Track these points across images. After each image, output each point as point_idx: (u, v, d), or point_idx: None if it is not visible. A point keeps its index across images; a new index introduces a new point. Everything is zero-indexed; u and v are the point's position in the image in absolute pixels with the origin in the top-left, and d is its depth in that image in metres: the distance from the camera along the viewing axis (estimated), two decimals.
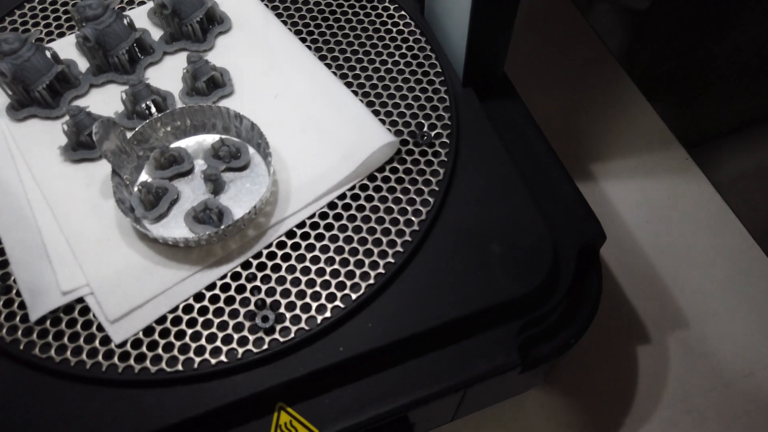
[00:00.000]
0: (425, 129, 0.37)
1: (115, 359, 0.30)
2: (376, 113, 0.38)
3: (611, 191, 0.51)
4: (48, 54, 0.36)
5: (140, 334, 0.31)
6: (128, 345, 0.30)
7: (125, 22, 0.38)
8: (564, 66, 0.58)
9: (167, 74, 0.39)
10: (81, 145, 0.35)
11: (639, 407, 0.42)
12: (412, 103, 0.38)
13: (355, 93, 0.39)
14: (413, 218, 0.34)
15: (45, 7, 0.43)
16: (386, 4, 0.43)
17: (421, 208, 0.35)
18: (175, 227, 0.33)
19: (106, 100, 0.38)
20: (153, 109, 0.37)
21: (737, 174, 0.58)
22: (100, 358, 0.30)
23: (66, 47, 0.39)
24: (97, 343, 0.31)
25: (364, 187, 0.35)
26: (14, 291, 0.32)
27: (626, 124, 0.55)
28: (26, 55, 0.35)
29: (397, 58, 0.40)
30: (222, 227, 0.32)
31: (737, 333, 0.45)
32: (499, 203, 0.35)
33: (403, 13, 0.42)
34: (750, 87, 0.63)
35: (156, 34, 0.40)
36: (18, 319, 0.31)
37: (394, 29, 0.42)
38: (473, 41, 0.37)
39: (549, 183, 0.37)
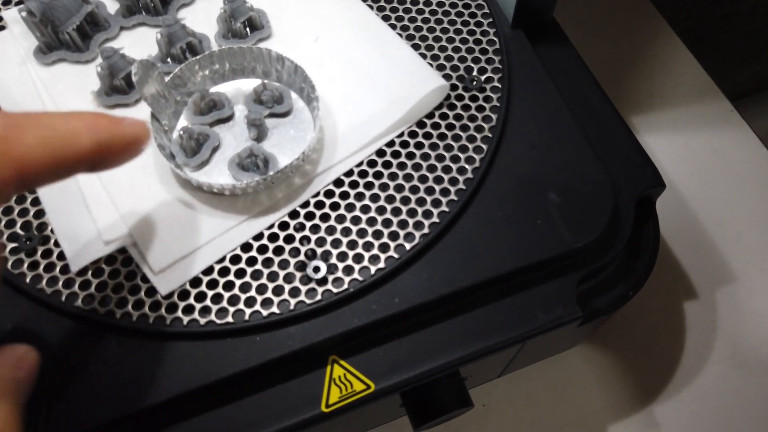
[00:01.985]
0: (475, 73, 0.35)
1: (162, 311, 0.29)
2: (422, 56, 0.36)
3: (654, 144, 0.49)
4: None
5: (187, 286, 0.29)
6: (175, 296, 0.29)
7: None
8: (608, 15, 0.56)
9: (200, 16, 0.37)
10: (115, 89, 0.33)
11: (686, 363, 0.41)
12: (460, 45, 0.36)
13: (399, 36, 0.37)
14: (466, 165, 0.33)
15: None
16: None
17: (474, 155, 0.33)
18: (218, 175, 0.32)
19: (137, 43, 0.36)
20: (188, 52, 0.35)
21: None
22: (146, 309, 0.29)
23: None
24: (142, 294, 0.29)
25: (413, 134, 0.34)
26: (52, 241, 0.30)
27: (669, 75, 0.53)
28: None
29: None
30: (269, 174, 0.30)
31: None
32: (555, 150, 0.34)
33: None
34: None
35: None
36: (58, 270, 0.30)
37: None
38: None
39: (605, 130, 0.36)
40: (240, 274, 0.30)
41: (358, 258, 0.30)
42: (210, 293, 0.29)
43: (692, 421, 0.40)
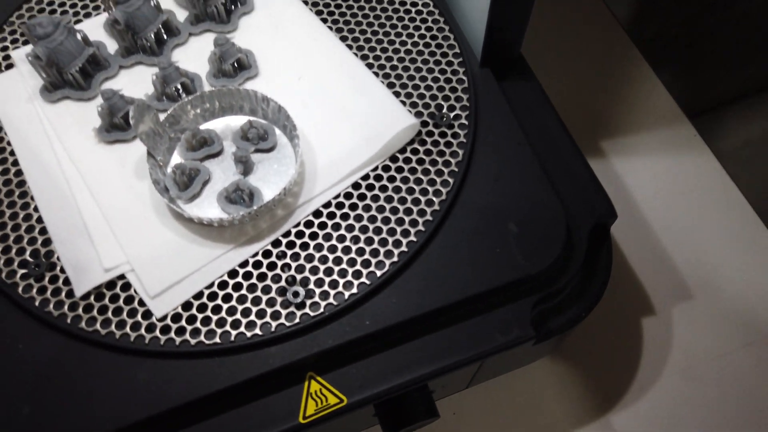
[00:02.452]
0: (444, 110, 0.39)
1: (157, 332, 0.32)
2: (396, 95, 0.39)
3: (621, 166, 0.53)
4: (79, 36, 0.37)
5: (179, 309, 0.33)
6: (168, 319, 0.33)
7: (152, 4, 0.38)
8: (575, 42, 0.59)
9: (193, 55, 0.40)
10: (114, 126, 0.37)
11: (643, 375, 0.45)
12: (432, 84, 0.40)
13: (376, 74, 0.40)
14: (434, 198, 0.36)
15: None
16: None
17: (441, 188, 0.36)
18: (207, 207, 0.35)
19: (135, 81, 0.39)
20: (182, 91, 0.38)
21: (740, 144, 0.60)
22: (142, 330, 0.32)
23: (94, 29, 0.40)
24: (139, 316, 0.33)
25: (386, 168, 0.37)
26: (58, 268, 0.34)
27: (637, 100, 0.56)
28: (59, 38, 0.36)
29: (416, 38, 0.41)
30: (254, 208, 0.33)
31: (738, 305, 0.47)
32: (516, 183, 0.37)
33: None
34: (755, 56, 0.63)
35: (180, 14, 0.41)
36: (64, 294, 0.33)
37: (413, 9, 0.42)
38: (493, 21, 0.38)
39: (563, 162, 0.39)
40: (227, 298, 0.33)
41: (333, 284, 0.33)
42: (200, 316, 0.33)
43: (647, 429, 0.43)
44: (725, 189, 0.51)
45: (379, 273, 0.34)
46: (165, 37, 0.40)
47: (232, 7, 0.41)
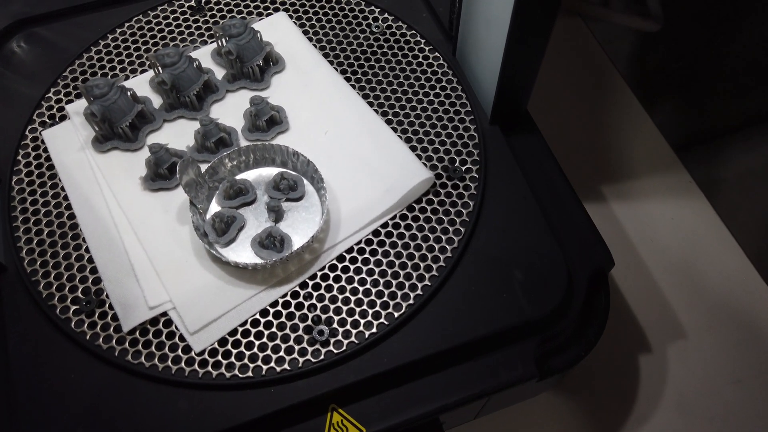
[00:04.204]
0: (457, 164, 0.43)
1: (196, 365, 0.36)
2: (413, 149, 0.43)
3: (620, 211, 0.56)
4: (129, 94, 0.42)
5: (216, 344, 0.36)
6: (206, 353, 0.36)
7: (195, 65, 0.43)
8: (577, 90, 0.63)
9: (230, 110, 0.44)
10: (159, 176, 0.41)
11: (640, 409, 0.48)
12: (445, 139, 0.44)
13: (395, 129, 0.44)
14: (446, 246, 0.39)
15: (117, 44, 0.48)
16: (422, 45, 0.48)
17: (453, 236, 0.40)
18: (242, 251, 0.39)
19: (177, 133, 0.43)
20: (220, 145, 0.42)
21: (738, 194, 0.63)
22: (183, 364, 0.36)
23: (141, 84, 0.45)
24: (179, 351, 0.36)
25: (403, 217, 0.41)
26: (107, 305, 0.37)
27: (636, 148, 0.59)
28: (113, 98, 0.40)
29: (431, 97, 0.45)
30: (285, 254, 0.37)
31: (729, 344, 0.50)
32: (521, 233, 0.40)
33: (437, 54, 0.47)
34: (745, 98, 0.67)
35: (218, 72, 0.46)
36: (112, 329, 0.37)
37: (429, 70, 0.47)
38: (503, 83, 0.42)
39: (565, 212, 0.42)
40: (259, 335, 0.37)
41: (355, 324, 0.37)
42: (234, 351, 0.36)
43: None
44: (719, 234, 0.55)
45: (396, 314, 0.37)
46: (205, 93, 0.44)
47: (266, 66, 0.45)
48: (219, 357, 0.36)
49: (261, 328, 0.37)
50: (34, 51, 0.48)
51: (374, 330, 0.37)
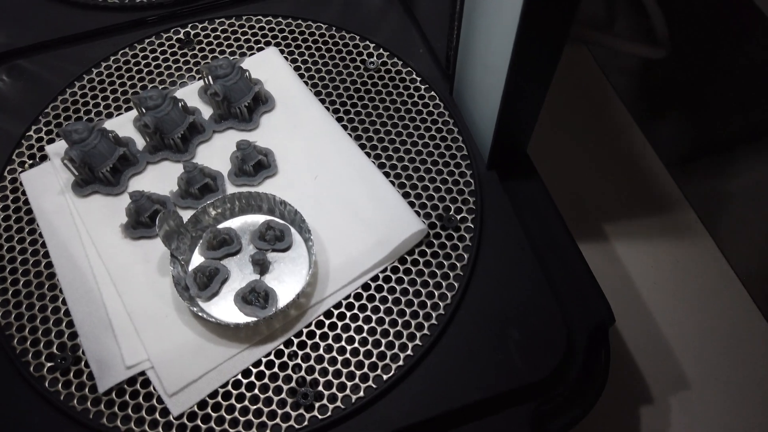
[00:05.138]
0: (452, 212, 0.41)
1: (173, 430, 0.34)
2: (406, 195, 0.41)
3: (623, 250, 0.54)
4: (111, 136, 0.40)
5: (195, 407, 0.35)
6: (185, 417, 0.34)
7: (180, 105, 0.41)
8: (576, 119, 0.61)
9: (217, 152, 0.42)
10: (140, 224, 0.39)
11: None
12: (440, 185, 0.42)
13: (387, 174, 0.42)
14: (439, 302, 0.38)
15: (102, 79, 0.46)
16: (418, 84, 0.46)
17: (446, 291, 0.38)
18: (225, 305, 0.37)
19: (161, 177, 0.41)
20: (204, 191, 0.40)
21: (745, 236, 0.61)
22: (160, 428, 0.34)
23: (123, 125, 0.43)
24: (157, 414, 0.34)
25: (394, 270, 0.39)
26: (83, 362, 0.36)
27: (639, 183, 0.58)
28: (93, 142, 0.38)
29: (426, 139, 0.44)
30: (269, 312, 0.35)
31: (735, 397, 0.48)
32: (518, 288, 0.39)
33: (433, 93, 0.45)
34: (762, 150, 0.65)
35: (205, 110, 0.44)
36: (87, 389, 0.35)
37: (425, 110, 0.45)
38: (501, 132, 0.40)
39: (564, 264, 0.41)
40: (240, 398, 0.35)
41: (341, 387, 0.35)
42: (214, 415, 0.34)
43: None
44: (724, 277, 0.53)
45: (385, 377, 0.35)
46: (190, 135, 0.42)
47: (255, 106, 0.43)
48: (198, 421, 0.34)
49: (243, 390, 0.35)
50: (16, 85, 0.46)
51: (361, 394, 0.35)
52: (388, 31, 0.49)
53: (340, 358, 0.36)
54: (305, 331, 0.37)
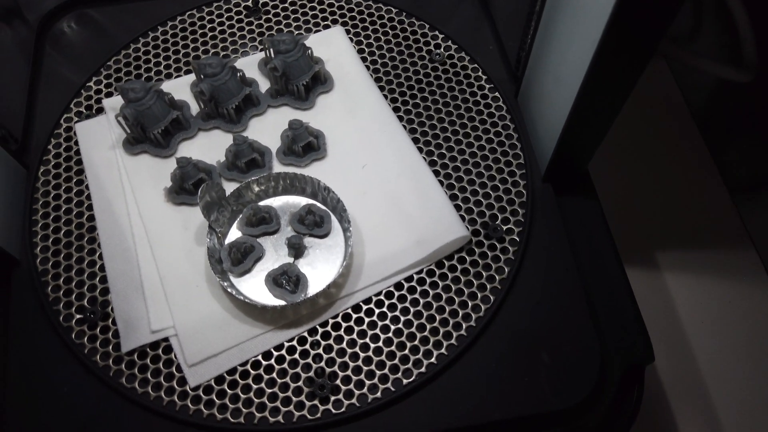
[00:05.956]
0: (498, 222, 0.39)
1: (188, 401, 0.34)
2: (454, 197, 0.40)
3: (673, 283, 0.52)
4: (166, 98, 0.40)
5: (212, 382, 0.35)
6: (201, 390, 0.34)
7: (238, 76, 0.40)
8: (647, 140, 0.58)
9: (268, 127, 0.42)
10: (183, 190, 0.39)
11: None
12: (490, 192, 0.40)
13: (438, 173, 0.41)
14: (472, 313, 0.36)
15: (167, 38, 0.46)
16: (483, 82, 0.44)
17: (481, 304, 0.37)
18: (256, 283, 0.37)
19: (211, 145, 0.41)
20: (251, 166, 0.40)
21: None
22: (175, 397, 0.34)
23: (182, 87, 0.43)
24: (174, 382, 0.35)
25: (430, 273, 0.38)
26: (110, 319, 0.36)
27: (701, 212, 0.54)
28: (148, 103, 0.38)
29: (483, 142, 0.42)
30: (298, 299, 0.35)
31: None
32: (556, 310, 0.37)
33: (497, 95, 0.43)
34: None
35: (263, 83, 0.43)
36: (111, 347, 0.35)
37: (486, 111, 0.43)
38: (563, 147, 0.38)
39: (610, 293, 0.38)
40: (257, 379, 0.35)
41: (359, 384, 0.34)
42: (230, 392, 0.34)
43: None
44: None
45: (405, 381, 0.34)
46: (245, 106, 0.42)
47: (313, 85, 0.43)
48: (213, 396, 0.34)
49: (261, 371, 0.35)
50: (82, 34, 0.47)
51: (378, 395, 0.34)
52: (460, 24, 0.47)
53: (362, 355, 0.35)
54: (331, 321, 0.36)
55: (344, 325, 0.36)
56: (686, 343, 0.49)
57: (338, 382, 0.35)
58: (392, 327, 0.36)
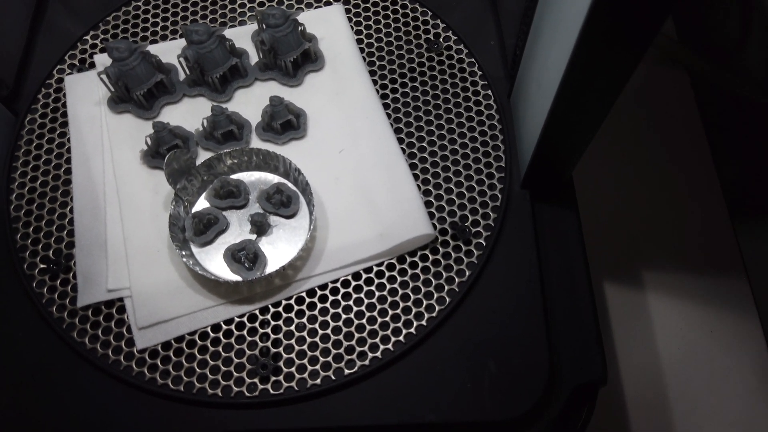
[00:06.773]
0: (468, 223, 0.38)
1: (133, 363, 0.35)
2: (427, 192, 0.39)
3: (655, 306, 0.50)
4: (153, 61, 0.40)
5: (159, 347, 0.35)
6: (147, 353, 0.35)
7: (227, 45, 0.40)
8: (650, 150, 0.56)
9: (253, 100, 0.42)
10: (158, 154, 0.39)
11: None
12: (465, 192, 0.39)
13: (415, 165, 0.40)
14: (425, 312, 0.36)
15: (165, 1, 0.46)
16: (476, 78, 0.43)
17: (435, 304, 0.36)
18: (215, 255, 0.37)
19: (194, 111, 0.41)
20: (227, 138, 0.40)
21: None
22: (121, 357, 0.35)
23: (171, 51, 0.43)
24: (122, 342, 0.35)
25: (391, 267, 0.37)
26: (71, 273, 0.37)
27: (696, 238, 0.52)
28: (132, 64, 0.38)
29: (467, 140, 0.41)
30: (251, 277, 0.35)
31: None
32: (511, 321, 0.36)
33: (489, 93, 0.42)
34: None
35: (254, 55, 0.43)
36: (68, 300, 0.36)
37: (475, 108, 0.42)
38: (540, 155, 0.37)
39: (573, 310, 0.37)
40: (203, 350, 0.35)
41: (301, 368, 0.35)
42: (174, 360, 0.35)
43: None
44: (759, 365, 0.48)
45: (346, 372, 0.34)
46: (231, 77, 0.41)
47: (302, 62, 0.42)
48: (158, 360, 0.35)
49: (208, 343, 0.35)
50: None
51: (318, 382, 0.34)
52: (464, 15, 0.46)
53: (309, 340, 0.35)
54: (284, 303, 0.36)
55: (296, 308, 0.36)
56: (657, 368, 0.48)
57: (281, 363, 0.35)
58: (343, 316, 0.36)
